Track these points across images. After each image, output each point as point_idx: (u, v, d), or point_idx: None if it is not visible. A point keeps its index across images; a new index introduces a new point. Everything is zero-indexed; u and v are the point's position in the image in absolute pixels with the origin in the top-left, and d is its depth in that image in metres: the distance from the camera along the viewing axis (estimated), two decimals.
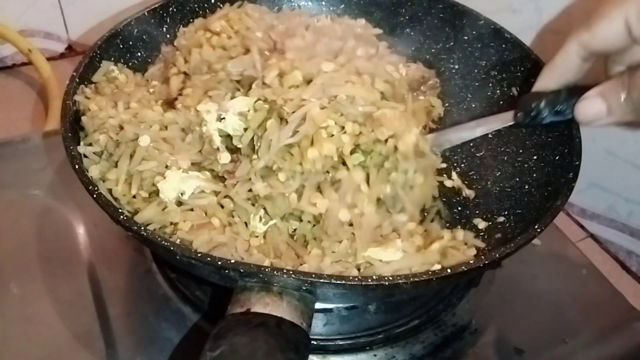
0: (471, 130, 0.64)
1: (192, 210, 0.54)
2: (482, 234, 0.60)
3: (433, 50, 0.78)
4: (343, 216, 0.53)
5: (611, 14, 0.52)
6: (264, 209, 0.55)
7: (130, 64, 0.69)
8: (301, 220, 0.56)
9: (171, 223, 0.53)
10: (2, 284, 0.61)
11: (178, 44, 0.70)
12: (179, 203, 0.54)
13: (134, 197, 0.55)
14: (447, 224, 0.62)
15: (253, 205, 0.55)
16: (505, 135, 0.69)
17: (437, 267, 0.51)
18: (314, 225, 0.55)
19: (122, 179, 0.55)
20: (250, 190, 0.55)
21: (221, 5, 0.76)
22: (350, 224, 0.54)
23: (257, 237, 0.54)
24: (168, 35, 0.73)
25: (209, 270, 0.46)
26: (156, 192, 0.54)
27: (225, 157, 0.56)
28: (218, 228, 0.53)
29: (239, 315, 0.43)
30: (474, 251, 0.54)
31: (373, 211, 0.54)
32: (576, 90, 0.56)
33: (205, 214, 0.54)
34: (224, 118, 0.57)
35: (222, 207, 0.55)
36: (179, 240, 0.52)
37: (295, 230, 0.56)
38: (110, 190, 0.55)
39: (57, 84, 0.95)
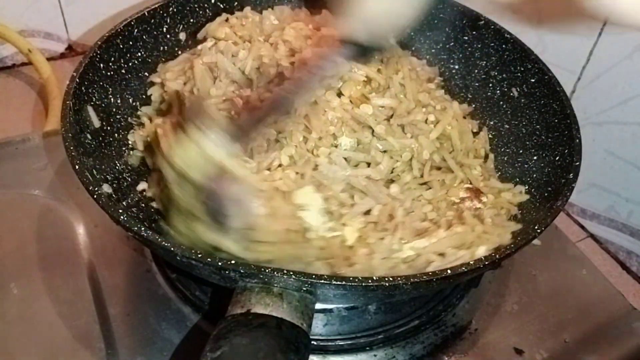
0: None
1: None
2: None
3: (433, 50, 0.78)
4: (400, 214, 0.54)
5: None
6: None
7: (130, 64, 0.69)
8: None
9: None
10: (2, 284, 0.60)
11: None
12: None
13: None
14: None
15: None
16: (505, 135, 0.69)
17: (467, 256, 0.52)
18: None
19: None
20: None
21: (221, 5, 0.76)
22: None
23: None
24: (168, 35, 0.73)
25: (210, 271, 0.45)
26: None
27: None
28: None
29: (239, 316, 0.43)
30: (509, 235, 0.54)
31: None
32: None
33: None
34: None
35: None
36: None
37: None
38: None
39: (57, 84, 0.95)
